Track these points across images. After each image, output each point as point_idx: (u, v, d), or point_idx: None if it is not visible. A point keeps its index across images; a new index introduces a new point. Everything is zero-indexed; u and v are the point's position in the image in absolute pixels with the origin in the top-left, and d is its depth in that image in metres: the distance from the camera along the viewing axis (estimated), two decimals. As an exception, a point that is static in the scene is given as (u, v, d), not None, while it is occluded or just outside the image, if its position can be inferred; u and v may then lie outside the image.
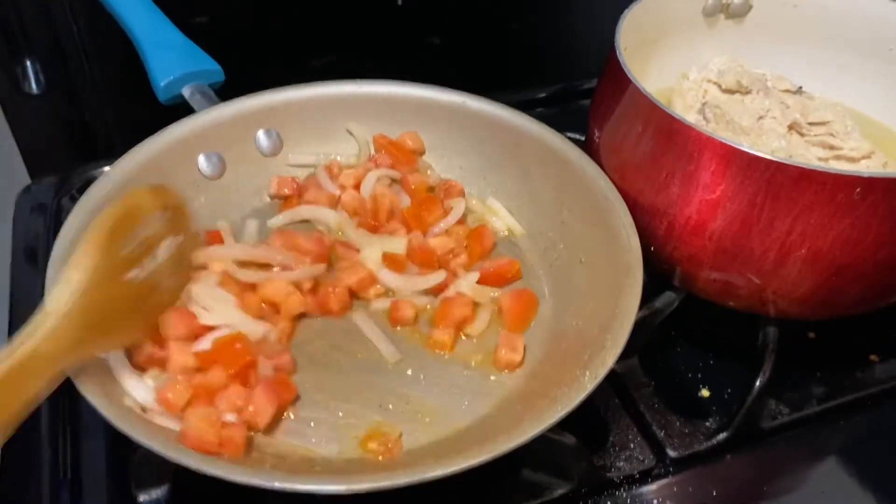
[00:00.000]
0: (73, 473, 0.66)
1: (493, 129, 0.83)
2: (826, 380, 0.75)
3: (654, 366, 0.75)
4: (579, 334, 0.68)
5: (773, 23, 0.86)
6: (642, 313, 0.69)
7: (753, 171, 0.61)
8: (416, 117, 0.86)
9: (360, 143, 0.86)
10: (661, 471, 0.68)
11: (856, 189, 0.59)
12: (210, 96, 0.83)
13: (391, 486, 0.52)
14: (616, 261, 0.68)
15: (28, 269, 0.83)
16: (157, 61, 0.84)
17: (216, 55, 0.86)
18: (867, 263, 0.63)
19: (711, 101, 0.81)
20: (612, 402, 0.72)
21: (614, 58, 0.72)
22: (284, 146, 0.85)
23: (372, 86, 0.85)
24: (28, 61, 1.06)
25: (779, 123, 0.78)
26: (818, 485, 0.69)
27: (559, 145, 0.78)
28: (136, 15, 0.87)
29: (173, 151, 0.77)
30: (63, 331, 0.53)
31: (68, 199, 0.90)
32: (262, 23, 1.11)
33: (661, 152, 0.67)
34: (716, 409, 0.72)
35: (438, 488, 0.53)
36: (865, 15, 0.82)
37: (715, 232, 0.65)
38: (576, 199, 0.76)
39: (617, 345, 0.60)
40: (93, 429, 0.68)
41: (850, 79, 0.85)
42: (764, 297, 0.68)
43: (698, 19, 0.85)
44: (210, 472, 0.52)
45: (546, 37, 1.25)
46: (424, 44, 1.20)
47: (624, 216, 0.70)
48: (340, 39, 1.14)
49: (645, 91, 0.67)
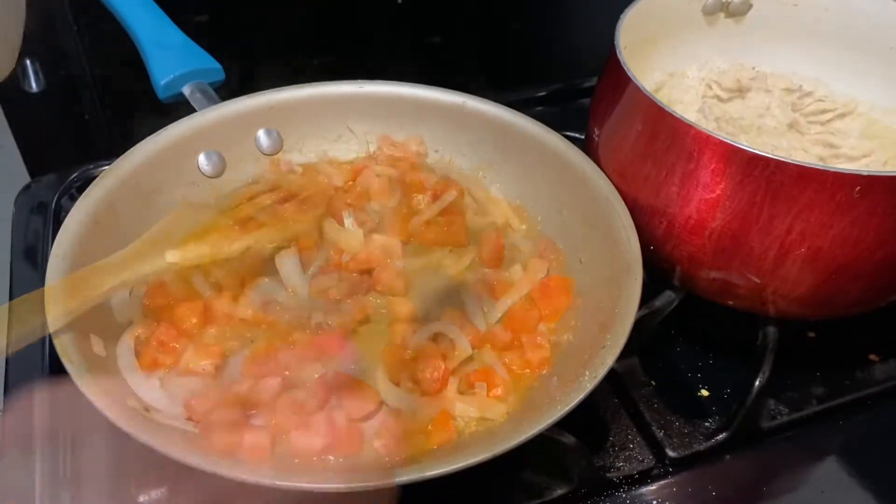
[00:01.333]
0: (73, 473, 0.65)
1: (492, 129, 0.83)
2: (826, 380, 0.75)
3: (654, 365, 0.75)
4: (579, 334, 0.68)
5: (773, 22, 0.86)
6: (642, 313, 0.69)
7: (753, 169, 0.61)
8: (416, 117, 0.86)
9: (359, 140, 0.86)
10: (660, 471, 0.68)
11: (856, 188, 0.59)
12: (210, 95, 0.83)
13: (390, 484, 0.52)
14: (616, 260, 0.68)
15: (28, 269, 0.83)
16: (158, 60, 0.84)
17: (216, 54, 0.86)
18: (867, 262, 0.63)
19: (712, 101, 0.81)
20: (612, 401, 0.72)
21: (614, 57, 0.72)
22: (284, 146, 0.85)
23: (372, 86, 0.85)
24: (28, 61, 1.06)
25: (779, 122, 0.78)
26: (818, 485, 0.69)
27: (559, 145, 0.78)
28: (137, 14, 0.87)
29: (173, 150, 0.77)
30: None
31: (68, 199, 0.90)
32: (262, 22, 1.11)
33: (660, 151, 0.67)
34: (715, 408, 0.72)
35: (438, 488, 0.53)
36: (865, 14, 0.82)
37: (714, 231, 0.65)
38: (575, 198, 0.76)
39: (617, 344, 0.60)
40: (93, 429, 0.68)
41: (850, 78, 0.85)
42: (764, 297, 0.68)
43: (698, 18, 0.85)
44: (211, 471, 0.52)
45: (546, 36, 1.25)
46: (424, 44, 1.21)
47: (623, 216, 0.70)
48: (340, 39, 1.14)
49: (645, 90, 0.67)
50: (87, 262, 0.66)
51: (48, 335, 0.59)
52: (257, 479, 0.51)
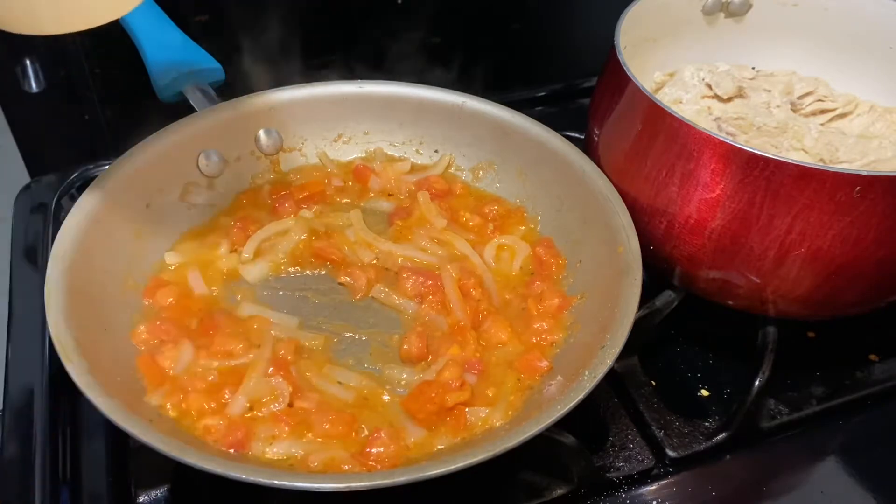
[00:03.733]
0: (73, 473, 0.66)
1: (492, 129, 0.83)
2: (826, 380, 0.75)
3: (654, 365, 0.75)
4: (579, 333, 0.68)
5: (773, 22, 0.86)
6: (642, 313, 0.69)
7: (753, 169, 0.61)
8: (416, 117, 0.86)
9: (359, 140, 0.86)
10: (660, 471, 0.68)
11: (856, 188, 0.59)
12: (210, 95, 0.83)
13: (391, 484, 0.52)
14: (615, 260, 0.68)
15: (28, 269, 0.83)
16: (158, 60, 0.84)
17: (216, 54, 0.86)
18: (867, 262, 0.63)
19: (712, 101, 0.81)
20: (612, 401, 0.72)
21: (614, 56, 0.72)
22: (284, 146, 0.85)
23: (372, 86, 0.85)
24: (28, 61, 1.06)
25: (779, 122, 0.78)
26: (818, 485, 0.69)
27: (558, 145, 0.78)
28: (137, 14, 0.87)
29: (174, 150, 0.77)
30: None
31: (68, 199, 0.90)
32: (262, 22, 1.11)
33: (660, 151, 0.67)
34: (715, 408, 0.72)
35: (438, 488, 0.53)
36: (865, 14, 0.82)
37: (714, 231, 0.65)
38: (575, 198, 0.76)
39: (616, 344, 0.60)
40: (93, 429, 0.68)
41: (850, 78, 0.85)
42: (763, 297, 0.68)
43: (698, 18, 0.85)
44: (211, 471, 0.52)
45: (546, 37, 1.25)
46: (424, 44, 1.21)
47: (623, 215, 0.70)
48: (340, 39, 1.14)
49: (645, 89, 0.67)
50: (87, 262, 0.66)
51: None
52: (257, 480, 0.51)
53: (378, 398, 0.65)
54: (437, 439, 0.61)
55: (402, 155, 0.87)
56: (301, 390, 0.64)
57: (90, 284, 0.65)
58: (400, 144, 0.87)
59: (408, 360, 0.68)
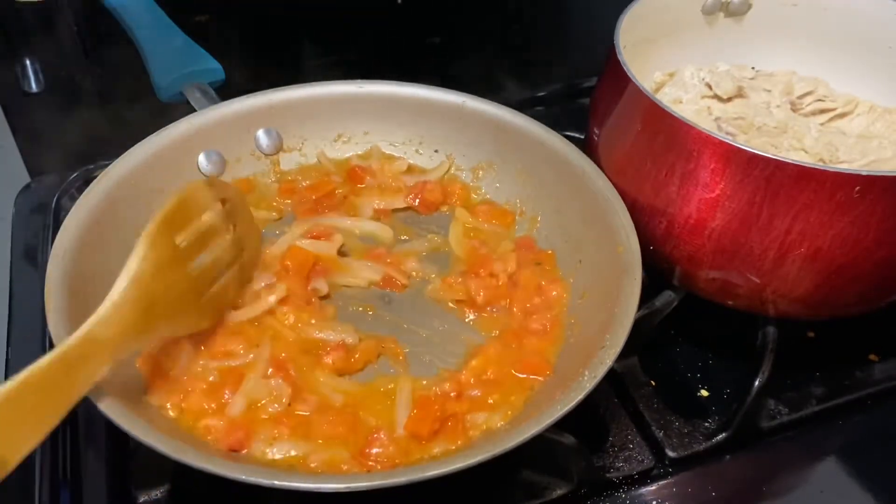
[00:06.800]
0: (73, 473, 0.66)
1: (492, 129, 0.83)
2: (825, 380, 0.75)
3: (654, 366, 0.75)
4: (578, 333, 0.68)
5: (773, 21, 0.86)
6: (641, 313, 0.69)
7: (753, 169, 0.61)
8: (416, 117, 0.86)
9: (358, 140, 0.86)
10: (660, 471, 0.68)
11: (855, 188, 0.59)
12: (210, 95, 0.83)
13: (391, 484, 0.52)
14: (615, 260, 0.68)
15: (28, 269, 0.83)
16: (158, 60, 0.84)
17: (216, 54, 0.86)
18: (867, 262, 0.63)
19: (711, 101, 0.81)
20: (612, 402, 0.72)
21: (614, 57, 0.72)
22: (284, 145, 0.85)
23: (372, 86, 0.85)
24: (28, 61, 1.06)
25: (779, 122, 0.78)
26: (818, 485, 0.69)
27: (558, 145, 0.78)
28: (137, 14, 0.87)
29: (173, 150, 0.77)
30: (120, 316, 0.55)
31: (68, 199, 0.90)
32: (262, 22, 1.11)
33: (660, 151, 0.67)
34: (715, 409, 0.72)
35: (438, 488, 0.53)
36: (864, 14, 0.82)
37: (714, 231, 0.65)
38: (575, 198, 0.76)
39: (616, 344, 0.60)
40: (93, 429, 0.68)
41: (850, 78, 0.85)
42: (763, 297, 0.68)
43: (698, 18, 0.85)
44: (211, 471, 0.52)
45: (546, 36, 1.25)
46: (424, 44, 1.21)
47: (623, 215, 0.70)
48: (340, 39, 1.14)
49: (645, 89, 0.67)
50: (87, 262, 0.66)
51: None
52: (257, 480, 0.51)
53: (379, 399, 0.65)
54: (437, 444, 0.61)
55: (402, 155, 0.87)
56: (301, 391, 0.64)
57: (90, 284, 0.65)
58: (400, 144, 0.87)
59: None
